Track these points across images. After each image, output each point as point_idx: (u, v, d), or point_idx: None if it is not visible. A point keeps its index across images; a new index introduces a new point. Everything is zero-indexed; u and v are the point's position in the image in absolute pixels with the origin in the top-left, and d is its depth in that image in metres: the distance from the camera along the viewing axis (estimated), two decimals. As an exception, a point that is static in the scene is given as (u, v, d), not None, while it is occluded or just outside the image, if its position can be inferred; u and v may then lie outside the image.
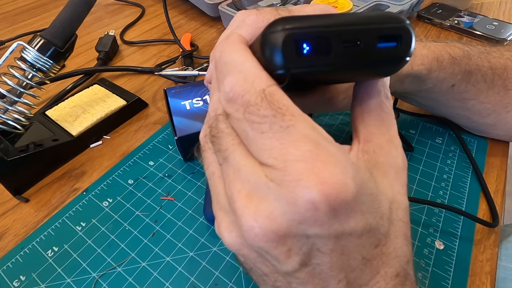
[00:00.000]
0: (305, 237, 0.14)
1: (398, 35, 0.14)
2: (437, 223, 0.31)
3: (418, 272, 0.28)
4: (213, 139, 0.16)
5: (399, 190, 0.16)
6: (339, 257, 0.14)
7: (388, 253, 0.15)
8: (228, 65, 0.15)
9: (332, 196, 0.12)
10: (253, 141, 0.14)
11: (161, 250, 0.30)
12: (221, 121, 0.16)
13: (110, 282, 0.28)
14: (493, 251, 0.29)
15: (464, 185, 0.34)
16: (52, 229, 0.32)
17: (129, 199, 0.34)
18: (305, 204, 0.12)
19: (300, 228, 0.13)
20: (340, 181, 0.12)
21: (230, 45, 0.15)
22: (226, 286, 0.28)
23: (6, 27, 0.66)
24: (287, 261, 0.14)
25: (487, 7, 0.67)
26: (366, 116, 0.17)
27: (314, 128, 0.14)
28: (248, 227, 0.14)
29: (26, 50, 0.34)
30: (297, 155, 0.13)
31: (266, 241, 0.14)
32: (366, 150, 0.16)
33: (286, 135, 0.13)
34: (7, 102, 0.35)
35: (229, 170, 0.15)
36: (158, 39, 0.61)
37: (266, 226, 0.13)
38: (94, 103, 0.43)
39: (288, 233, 0.13)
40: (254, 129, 0.14)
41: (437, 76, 0.30)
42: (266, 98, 0.13)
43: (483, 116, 0.35)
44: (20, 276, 0.29)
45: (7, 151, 0.34)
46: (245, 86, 0.14)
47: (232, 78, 0.14)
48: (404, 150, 0.42)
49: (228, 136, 0.15)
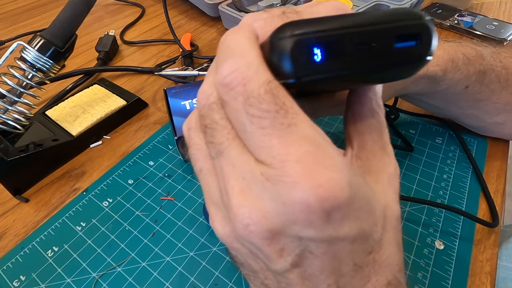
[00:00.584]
0: (299, 238, 0.13)
1: (417, 33, 0.13)
2: (437, 223, 0.31)
3: (418, 272, 0.28)
4: (205, 129, 0.15)
5: (392, 198, 0.16)
6: (330, 261, 0.14)
7: (380, 261, 0.15)
8: (231, 48, 0.14)
9: (328, 200, 0.12)
10: (251, 136, 0.13)
11: (161, 250, 0.30)
12: (216, 111, 0.15)
13: (110, 282, 0.28)
14: (493, 251, 0.29)
15: (464, 185, 0.34)
16: (52, 229, 0.32)
17: (129, 199, 0.34)
18: (301, 206, 0.12)
19: (294, 229, 0.13)
20: (337, 185, 0.12)
21: (239, 31, 0.14)
22: (226, 286, 0.28)
23: (6, 27, 0.66)
24: (279, 260, 0.14)
25: (487, 7, 0.67)
26: (359, 124, 0.17)
27: (314, 129, 0.13)
28: (243, 225, 0.14)
29: (26, 50, 0.34)
30: (296, 156, 0.12)
31: (260, 238, 0.14)
32: (360, 156, 0.16)
33: (287, 133, 0.12)
34: (7, 102, 0.35)
35: (223, 165, 0.15)
36: (158, 39, 0.61)
37: (262, 225, 0.13)
38: (94, 103, 0.43)
39: (282, 232, 0.13)
40: (254, 124, 0.13)
41: (452, 77, 0.30)
42: (271, 91, 0.13)
43: (493, 115, 0.34)
44: (20, 276, 0.29)
45: (7, 151, 0.34)
46: (247, 73, 0.13)
47: (233, 61, 0.13)
48: (404, 150, 0.42)
49: (223, 129, 0.15)
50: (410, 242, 0.30)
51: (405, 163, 0.37)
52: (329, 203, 0.12)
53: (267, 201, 0.13)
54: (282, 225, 0.13)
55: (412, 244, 0.30)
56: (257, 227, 0.13)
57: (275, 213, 0.13)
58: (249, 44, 0.14)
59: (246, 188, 0.14)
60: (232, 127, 0.14)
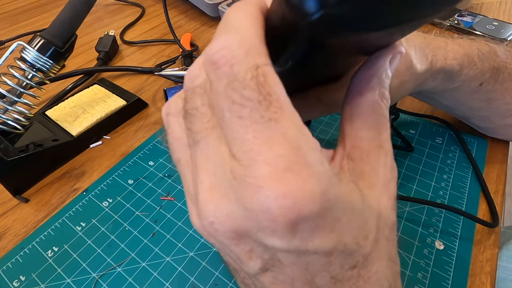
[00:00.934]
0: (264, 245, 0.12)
1: None
2: (437, 223, 0.31)
3: (418, 272, 0.28)
4: (186, 115, 0.14)
5: (386, 204, 0.14)
6: (302, 272, 0.13)
7: (367, 276, 0.14)
8: (228, 23, 0.12)
9: (292, 210, 0.11)
10: (228, 125, 0.12)
11: (161, 250, 0.30)
12: (198, 96, 0.14)
13: (110, 282, 0.28)
14: (493, 251, 0.29)
15: (464, 185, 0.34)
16: (52, 229, 0.32)
17: (129, 199, 0.34)
18: (263, 214, 0.11)
19: (258, 235, 0.12)
20: (306, 196, 0.11)
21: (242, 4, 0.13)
22: (226, 286, 0.28)
23: (6, 27, 0.66)
24: (249, 262, 0.13)
25: (487, 7, 0.66)
26: (355, 118, 0.15)
27: (298, 129, 0.12)
28: (208, 222, 0.13)
29: (26, 50, 0.34)
30: (267, 157, 0.11)
31: (226, 238, 0.13)
32: (352, 157, 0.15)
33: (264, 128, 0.11)
34: (7, 102, 0.35)
35: (198, 156, 0.13)
36: (158, 39, 0.61)
37: (226, 224, 0.12)
38: (94, 103, 0.43)
39: (248, 235, 0.12)
40: (232, 111, 0.11)
41: (467, 73, 0.29)
42: (257, 77, 0.11)
43: (505, 116, 0.34)
44: (20, 276, 0.29)
45: (7, 151, 0.34)
46: (237, 52, 0.11)
47: (226, 37, 0.12)
48: (404, 150, 0.42)
49: (203, 117, 0.13)
50: (410, 242, 0.30)
51: (405, 163, 0.37)
52: (294, 214, 0.11)
53: (232, 202, 0.12)
54: (247, 228, 0.12)
55: (412, 244, 0.30)
56: (222, 226, 0.13)
57: (239, 215, 0.12)
58: (249, 20, 0.12)
59: (216, 184, 0.13)
60: (212, 115, 0.13)
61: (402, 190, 0.34)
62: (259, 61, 0.11)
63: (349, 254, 0.13)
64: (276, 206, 0.11)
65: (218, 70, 0.12)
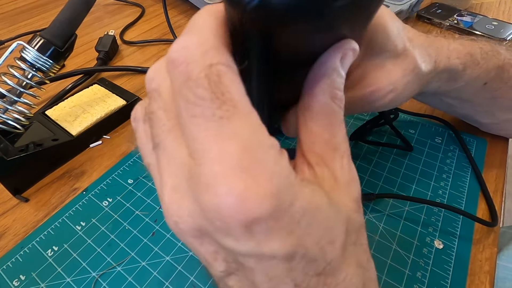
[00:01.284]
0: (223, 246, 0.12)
1: None
2: (436, 223, 0.31)
3: (417, 272, 0.28)
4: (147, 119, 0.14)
5: (351, 207, 0.14)
6: (264, 277, 0.12)
7: (335, 284, 0.13)
8: (190, 26, 0.13)
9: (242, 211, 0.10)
10: (184, 124, 0.12)
11: (161, 250, 0.30)
12: (153, 99, 0.14)
13: (109, 281, 0.28)
14: (492, 251, 0.29)
15: (463, 184, 0.34)
16: (52, 228, 0.32)
17: (129, 198, 0.34)
18: (213, 213, 0.11)
19: (217, 236, 0.12)
20: (257, 196, 0.10)
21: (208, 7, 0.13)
22: (225, 286, 0.28)
23: (6, 27, 0.66)
24: (214, 263, 0.13)
25: (486, 7, 0.67)
26: (309, 121, 0.14)
27: (252, 128, 0.11)
28: (173, 221, 0.13)
29: (26, 50, 0.35)
30: (216, 155, 0.11)
31: (191, 236, 0.13)
32: (309, 162, 0.14)
33: (215, 126, 0.11)
34: (7, 102, 0.35)
35: (160, 159, 0.14)
36: (158, 39, 0.61)
37: (188, 224, 0.12)
38: (94, 103, 0.43)
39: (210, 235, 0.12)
40: (187, 109, 0.11)
41: (471, 72, 0.28)
42: (210, 76, 0.11)
43: (508, 112, 0.34)
44: (20, 276, 0.29)
45: (7, 151, 0.34)
46: (194, 52, 0.11)
47: (185, 37, 0.12)
48: (404, 149, 0.42)
49: (158, 121, 0.13)
50: (410, 241, 0.30)
51: (405, 163, 0.37)
52: (243, 214, 0.11)
53: (192, 201, 0.12)
54: (206, 227, 0.12)
55: (411, 243, 0.30)
56: (185, 226, 0.13)
57: (197, 214, 0.12)
58: (210, 22, 0.12)
59: (177, 184, 0.13)
60: (169, 118, 0.13)
61: (401, 189, 0.34)
62: (215, 60, 0.11)
63: (313, 260, 0.12)
64: (226, 205, 0.11)
65: (176, 70, 0.12)
